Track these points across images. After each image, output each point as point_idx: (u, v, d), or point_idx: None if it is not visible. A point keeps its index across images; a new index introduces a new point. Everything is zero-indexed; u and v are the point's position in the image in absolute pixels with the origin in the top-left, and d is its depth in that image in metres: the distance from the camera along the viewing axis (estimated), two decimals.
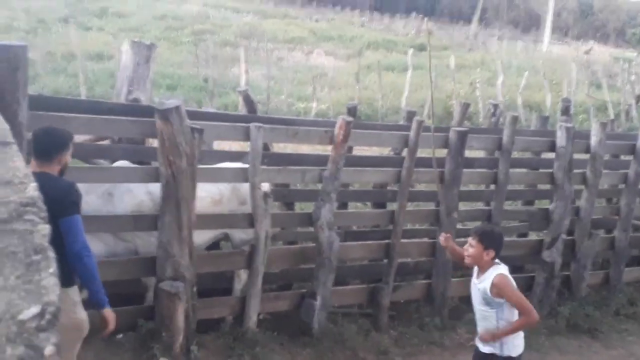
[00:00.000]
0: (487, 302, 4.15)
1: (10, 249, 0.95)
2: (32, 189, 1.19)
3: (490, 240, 4.17)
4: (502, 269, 4.19)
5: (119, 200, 4.97)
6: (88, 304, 3.84)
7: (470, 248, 4.17)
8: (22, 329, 0.76)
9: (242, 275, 5.59)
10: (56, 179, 3.63)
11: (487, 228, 4.46)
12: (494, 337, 4.15)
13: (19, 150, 1.60)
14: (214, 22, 29.54)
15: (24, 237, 0.99)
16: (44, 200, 3.40)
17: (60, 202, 3.45)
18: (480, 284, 4.18)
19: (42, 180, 3.46)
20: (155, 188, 4.81)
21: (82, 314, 3.71)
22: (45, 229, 1.00)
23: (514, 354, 4.21)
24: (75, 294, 3.68)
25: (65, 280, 3.55)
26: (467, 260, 4.25)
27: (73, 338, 3.68)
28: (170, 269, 4.76)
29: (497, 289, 4.09)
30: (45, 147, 3.67)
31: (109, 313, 3.68)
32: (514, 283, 4.19)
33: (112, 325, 3.74)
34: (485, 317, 4.21)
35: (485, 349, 4.23)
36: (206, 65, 17.44)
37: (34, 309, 0.79)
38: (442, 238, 4.69)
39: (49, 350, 0.72)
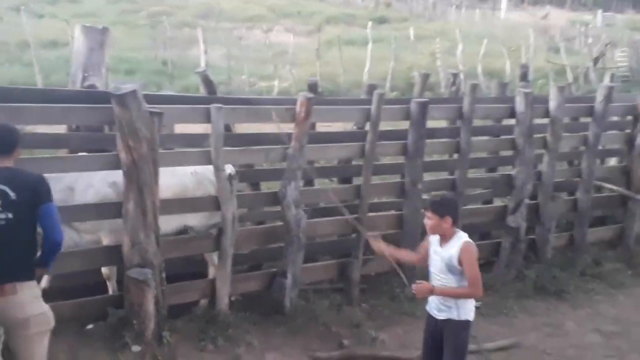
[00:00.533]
0: (450, 269, 4.20)
1: None
2: None
3: (444, 208, 4.21)
4: (466, 236, 4.26)
5: (80, 195, 4.89)
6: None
7: (429, 220, 4.22)
8: None
9: (214, 258, 5.56)
10: (24, 172, 3.64)
11: (436, 198, 4.51)
12: (434, 291, 4.18)
13: None
14: (170, 3, 29.03)
15: None
16: (19, 193, 3.29)
17: (36, 192, 3.53)
18: (444, 252, 4.22)
19: (11, 174, 3.50)
20: (119, 179, 4.75)
21: (46, 306, 3.69)
22: None
23: (470, 318, 4.30)
24: (36, 287, 3.66)
25: (28, 273, 3.56)
26: (429, 232, 4.29)
27: (43, 330, 3.64)
28: (137, 256, 4.71)
29: (464, 255, 4.15)
30: (6, 142, 3.63)
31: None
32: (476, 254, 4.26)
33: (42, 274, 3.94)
34: (443, 285, 4.24)
35: (441, 315, 4.28)
36: (164, 47, 17.18)
37: None
38: (371, 241, 4.66)
39: None
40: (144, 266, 4.71)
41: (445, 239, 4.25)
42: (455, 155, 6.74)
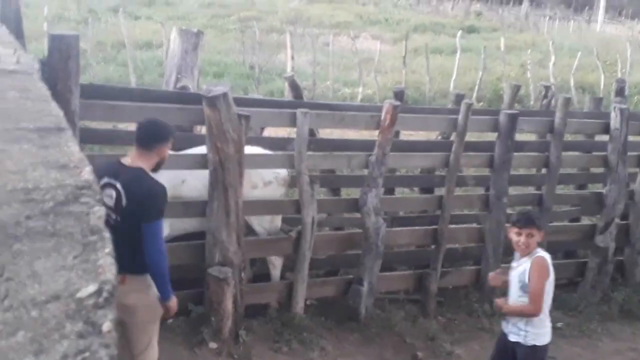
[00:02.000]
0: (522, 286, 4.08)
1: (68, 230, 0.98)
2: (87, 173, 1.22)
3: (540, 222, 4.20)
4: (542, 251, 4.16)
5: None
6: None
7: (531, 239, 4.06)
8: (80, 307, 0.78)
9: (276, 261, 5.56)
10: (148, 180, 3.67)
11: (533, 214, 4.43)
12: (505, 309, 4.12)
13: (73, 137, 1.64)
14: (260, 8, 29.64)
15: (81, 219, 1.01)
16: (130, 202, 3.40)
17: (144, 206, 3.57)
18: (520, 267, 4.12)
19: (133, 177, 3.56)
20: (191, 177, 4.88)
21: (153, 298, 3.81)
22: (101, 210, 1.02)
23: (539, 343, 4.13)
24: (146, 280, 3.76)
25: (138, 268, 3.66)
26: (523, 250, 4.13)
27: (148, 318, 3.78)
28: (218, 255, 4.83)
29: (533, 267, 4.03)
30: (148, 136, 3.72)
31: (170, 304, 3.79)
32: (548, 272, 4.10)
33: (171, 313, 3.88)
34: (515, 303, 4.15)
35: (512, 337, 4.17)
36: (252, 52, 17.52)
37: (92, 287, 0.81)
38: (490, 277, 4.51)
39: (106, 326, 0.74)
40: (225, 265, 4.81)
41: (525, 254, 4.14)
42: (544, 170, 6.55)
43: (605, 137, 6.73)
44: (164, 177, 5.10)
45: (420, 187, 6.92)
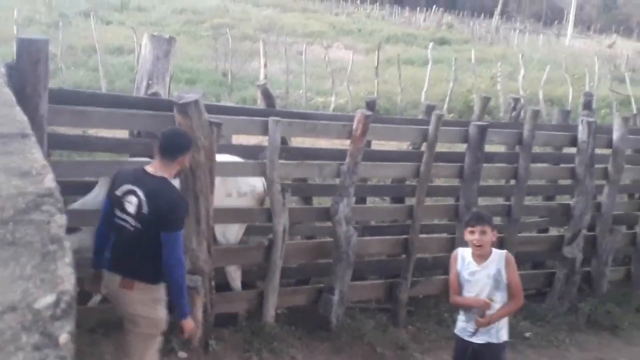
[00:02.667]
0: (497, 286, 4.11)
1: (27, 238, 0.95)
2: (50, 180, 1.20)
3: (492, 221, 4.23)
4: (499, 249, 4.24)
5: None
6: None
7: (482, 236, 4.09)
8: (38, 318, 0.76)
9: (235, 273, 5.42)
10: (170, 191, 3.75)
11: (483, 212, 4.47)
12: (492, 320, 4.11)
13: (38, 143, 1.61)
14: (234, 15, 29.63)
15: (41, 227, 0.99)
16: (151, 211, 3.47)
17: (167, 216, 3.64)
18: (488, 269, 4.13)
19: (158, 187, 3.69)
20: None
21: (161, 313, 3.81)
22: (62, 219, 1.00)
23: (507, 338, 4.24)
24: (158, 291, 3.79)
25: (154, 277, 3.72)
26: (479, 249, 4.13)
27: (149, 333, 3.80)
28: (188, 263, 4.77)
29: (511, 265, 4.11)
30: (172, 147, 3.78)
31: (186, 324, 3.82)
32: None
33: (186, 334, 3.90)
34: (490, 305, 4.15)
35: (480, 339, 4.16)
36: (225, 59, 17.49)
37: (49, 298, 0.79)
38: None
39: (63, 338, 0.72)
40: (195, 273, 4.76)
41: (483, 256, 4.16)
42: (512, 181, 6.63)
43: (573, 150, 6.83)
44: None
45: (391, 196, 6.95)
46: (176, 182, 4.76)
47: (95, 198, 4.88)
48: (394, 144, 7.58)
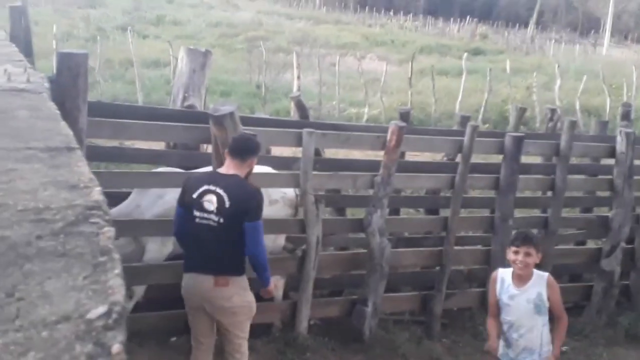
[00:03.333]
0: (538, 310, 3.99)
1: (78, 250, 0.99)
2: (97, 193, 1.23)
3: (539, 242, 4.11)
4: (540, 271, 4.11)
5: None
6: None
7: (526, 258, 3.94)
8: (90, 328, 0.79)
9: (278, 282, 5.39)
10: (246, 184, 4.05)
11: (531, 232, 4.39)
12: (556, 355, 4.02)
13: (82, 156, 1.66)
14: (267, 28, 29.91)
15: (90, 239, 1.02)
16: (233, 203, 3.79)
17: (248, 207, 3.92)
18: (529, 293, 4.00)
19: (234, 182, 3.97)
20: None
21: (252, 297, 4.14)
22: (111, 231, 1.03)
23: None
24: (244, 281, 4.08)
25: (242, 268, 4.04)
26: (523, 271, 4.00)
27: (246, 318, 4.11)
28: None
29: (554, 289, 3.99)
30: (243, 149, 4.06)
31: (270, 288, 4.31)
32: None
33: (270, 295, 4.44)
34: (530, 330, 4.02)
35: None
36: (259, 71, 17.65)
37: (101, 309, 0.82)
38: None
39: (116, 348, 0.74)
40: None
41: (523, 279, 4.01)
42: (549, 193, 6.55)
43: (611, 161, 6.73)
44: (172, 195, 5.14)
45: (426, 208, 6.92)
46: None
47: (127, 207, 5.00)
48: (428, 155, 7.57)
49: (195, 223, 3.93)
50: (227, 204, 3.87)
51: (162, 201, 5.05)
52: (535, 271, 4.05)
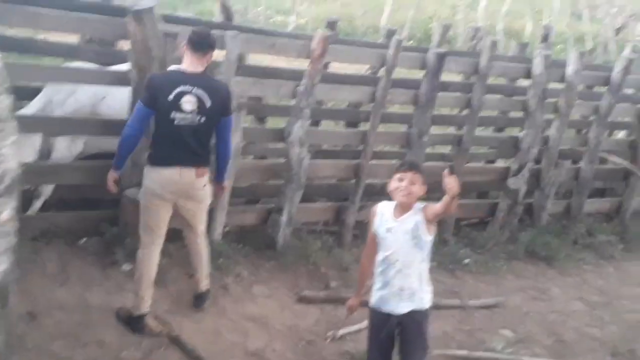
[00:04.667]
0: (417, 244, 3.56)
1: None
2: None
3: (425, 175, 3.65)
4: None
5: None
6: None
7: (413, 187, 3.57)
8: None
9: (44, 190, 5.09)
10: (218, 81, 4.28)
11: (418, 161, 4.21)
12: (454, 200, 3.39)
13: None
14: None
15: None
16: (213, 100, 4.00)
17: (225, 103, 4.17)
18: (406, 223, 3.58)
19: (206, 82, 4.09)
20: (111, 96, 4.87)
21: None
22: (6, 99, 0.96)
23: (431, 303, 3.70)
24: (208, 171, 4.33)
25: (208, 160, 4.27)
26: (407, 200, 3.59)
27: (208, 202, 4.46)
28: (136, 177, 4.70)
29: (426, 208, 3.54)
30: (205, 43, 4.10)
31: (226, 184, 4.73)
32: None
33: (225, 191, 4.84)
34: (408, 265, 3.58)
35: (404, 308, 3.58)
36: None
37: None
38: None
39: (6, 214, 0.70)
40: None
41: (404, 209, 3.62)
42: (465, 111, 6.68)
43: (527, 82, 6.89)
44: (84, 92, 4.92)
45: (346, 120, 6.94)
46: (126, 94, 4.65)
47: (39, 102, 4.77)
48: (353, 68, 7.52)
49: (174, 125, 4.01)
50: (209, 104, 4.02)
51: (73, 99, 4.83)
52: (417, 204, 3.62)
